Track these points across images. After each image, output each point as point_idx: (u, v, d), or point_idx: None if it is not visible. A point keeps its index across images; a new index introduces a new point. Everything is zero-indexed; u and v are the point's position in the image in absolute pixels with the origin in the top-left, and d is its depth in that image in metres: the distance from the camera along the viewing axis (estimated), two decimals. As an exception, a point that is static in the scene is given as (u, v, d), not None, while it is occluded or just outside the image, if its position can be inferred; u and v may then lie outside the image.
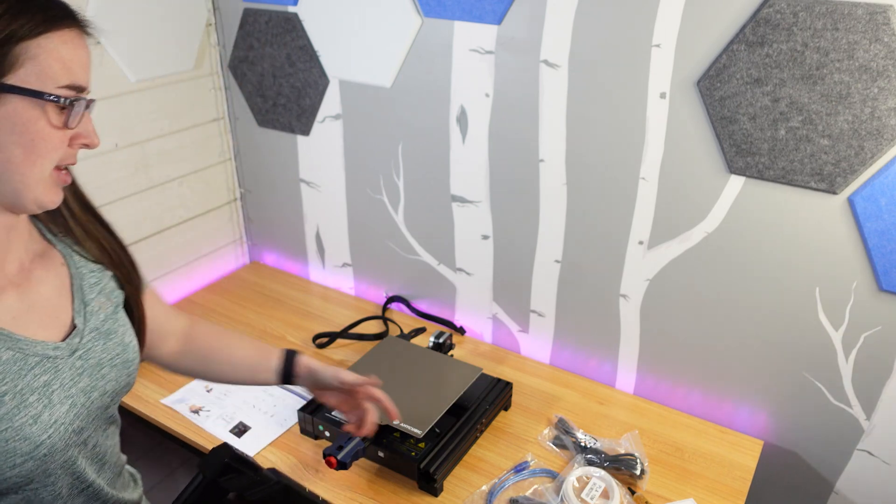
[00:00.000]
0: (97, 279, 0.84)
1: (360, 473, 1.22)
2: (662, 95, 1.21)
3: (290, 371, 1.03)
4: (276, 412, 1.37)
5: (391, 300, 1.75)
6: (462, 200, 1.53)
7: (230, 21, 1.68)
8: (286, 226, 1.89)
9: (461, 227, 1.56)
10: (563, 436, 1.30)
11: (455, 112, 1.44)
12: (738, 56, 1.11)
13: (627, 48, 1.20)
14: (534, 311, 1.55)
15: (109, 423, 0.86)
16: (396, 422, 1.17)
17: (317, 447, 1.29)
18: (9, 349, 0.71)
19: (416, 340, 1.61)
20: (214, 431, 1.32)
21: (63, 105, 0.66)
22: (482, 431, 1.32)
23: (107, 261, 0.86)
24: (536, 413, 1.39)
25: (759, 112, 1.13)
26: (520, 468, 1.24)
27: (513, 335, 1.62)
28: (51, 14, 0.65)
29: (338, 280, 1.87)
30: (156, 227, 1.70)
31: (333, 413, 1.28)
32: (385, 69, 1.49)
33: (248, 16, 1.64)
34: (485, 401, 1.33)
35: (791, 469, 1.36)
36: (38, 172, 0.68)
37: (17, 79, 0.63)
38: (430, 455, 1.19)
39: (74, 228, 0.82)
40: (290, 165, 1.78)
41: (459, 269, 1.62)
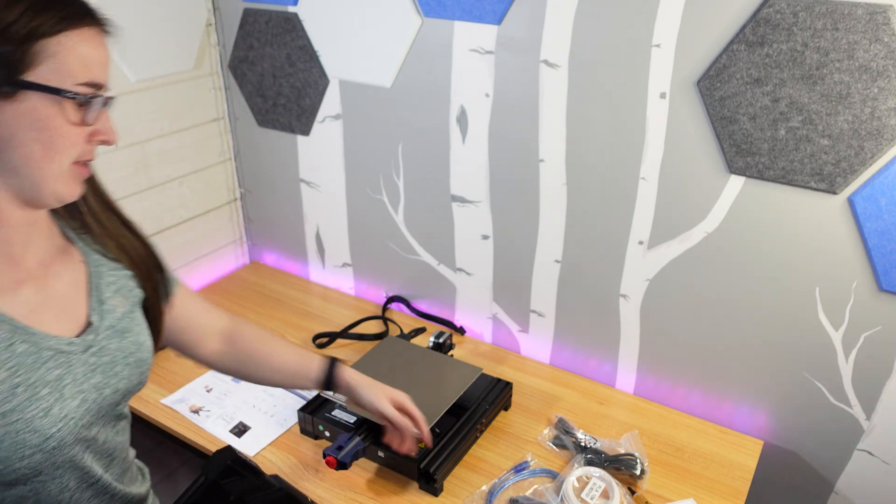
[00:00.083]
0: (115, 277, 0.84)
1: (360, 473, 1.22)
2: (662, 95, 1.21)
3: (331, 381, 1.04)
4: (276, 412, 1.37)
5: (391, 300, 1.75)
6: (462, 200, 1.53)
7: (230, 21, 1.68)
8: (286, 226, 1.89)
9: (461, 227, 1.56)
10: (563, 436, 1.30)
11: (455, 112, 1.44)
12: (738, 56, 1.11)
13: (627, 48, 1.21)
14: (534, 311, 1.55)
15: (119, 420, 0.86)
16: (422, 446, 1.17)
17: (317, 447, 1.29)
18: (24, 342, 0.71)
19: (416, 340, 1.61)
20: (214, 431, 1.32)
21: (81, 102, 0.67)
22: (482, 431, 1.32)
23: (125, 259, 0.86)
24: (536, 413, 1.39)
25: (759, 112, 1.13)
26: (520, 468, 1.24)
27: (513, 335, 1.62)
28: (70, 12, 0.65)
29: (338, 280, 1.87)
30: (156, 227, 1.70)
31: (334, 413, 1.28)
32: (385, 69, 1.49)
33: (248, 16, 1.64)
34: (485, 401, 1.33)
35: (791, 469, 1.36)
36: (57, 167, 0.69)
37: (37, 76, 0.64)
38: (430, 455, 1.19)
39: (92, 225, 0.83)
40: (290, 165, 1.78)
41: (459, 269, 1.62)
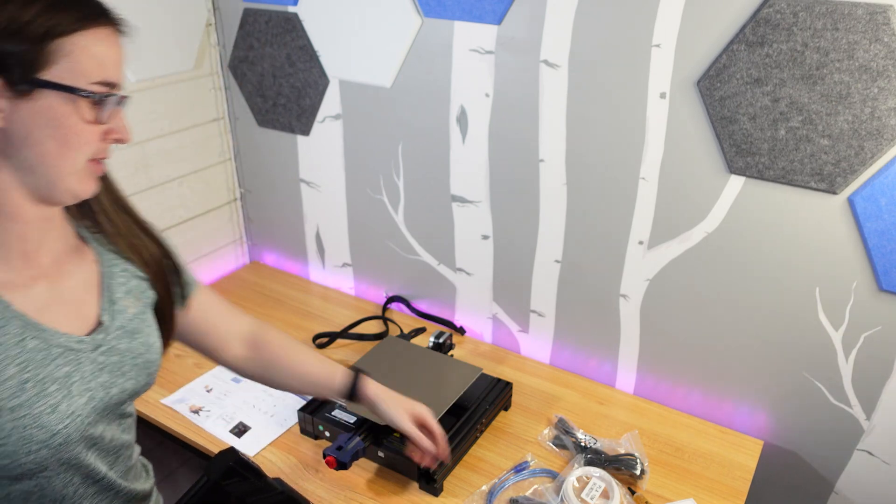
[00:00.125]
0: (127, 278, 0.85)
1: (360, 473, 1.22)
2: (662, 95, 1.21)
3: (354, 394, 1.04)
4: (276, 412, 1.37)
5: (391, 300, 1.75)
6: (462, 200, 1.53)
7: (230, 21, 1.68)
8: (286, 226, 1.89)
9: (461, 227, 1.56)
10: (563, 436, 1.30)
11: (455, 112, 1.44)
12: (738, 56, 1.11)
13: (627, 48, 1.21)
14: (534, 311, 1.55)
15: (125, 418, 0.86)
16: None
17: (317, 447, 1.29)
18: (35, 338, 0.72)
19: (416, 340, 1.61)
20: (214, 431, 1.32)
21: (96, 101, 0.68)
22: (482, 431, 1.32)
23: (138, 260, 0.86)
24: (536, 413, 1.39)
25: (759, 112, 1.13)
26: (520, 468, 1.24)
27: (513, 335, 1.62)
28: (86, 12, 0.66)
29: (338, 280, 1.87)
30: (156, 227, 1.70)
31: (334, 413, 1.28)
32: (385, 69, 1.49)
33: (248, 16, 1.64)
34: (485, 401, 1.33)
35: (791, 469, 1.36)
36: (72, 165, 0.70)
37: (52, 74, 0.64)
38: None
39: (105, 225, 0.83)
40: (290, 165, 1.78)
41: (459, 269, 1.62)
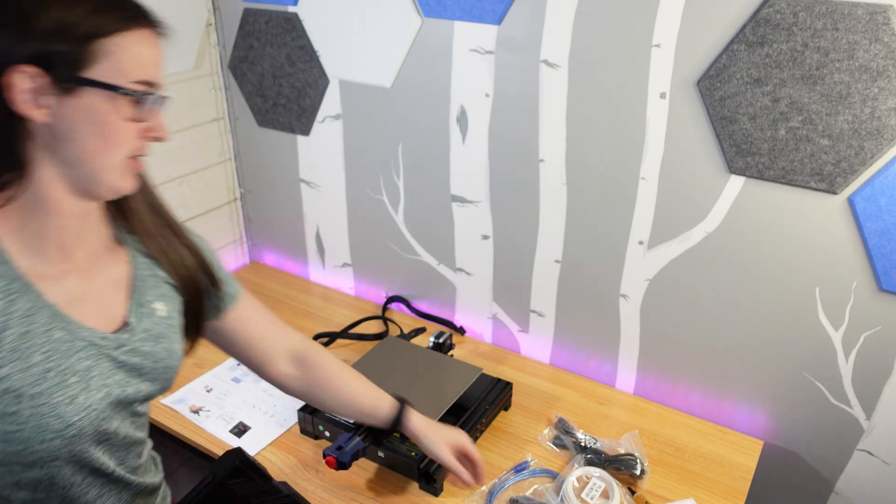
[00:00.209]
0: (157, 283, 0.86)
1: (360, 473, 1.22)
2: (662, 95, 1.21)
3: (398, 425, 1.06)
4: (276, 412, 1.37)
5: (391, 300, 1.75)
6: (462, 200, 1.53)
7: (230, 21, 1.68)
8: (286, 226, 1.89)
9: (461, 227, 1.56)
10: (563, 436, 1.30)
11: (455, 112, 1.44)
12: (738, 56, 1.11)
13: (627, 48, 1.20)
14: (534, 311, 1.55)
15: (139, 417, 0.87)
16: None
17: (317, 447, 1.29)
18: (61, 329, 0.74)
19: (416, 340, 1.61)
20: (214, 431, 1.32)
21: (135, 99, 0.70)
22: (482, 431, 1.32)
23: (169, 267, 0.87)
24: (536, 413, 1.39)
25: (759, 112, 1.13)
26: (520, 468, 1.24)
27: (513, 335, 1.62)
28: (129, 14, 0.69)
29: (338, 280, 1.87)
30: (156, 227, 1.70)
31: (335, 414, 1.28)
32: (385, 69, 1.49)
33: (248, 16, 1.64)
34: (485, 401, 1.33)
35: (791, 469, 1.36)
36: (112, 160, 0.72)
37: (95, 73, 0.67)
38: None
39: (137, 225, 0.85)
40: (290, 165, 1.78)
41: (459, 269, 1.62)
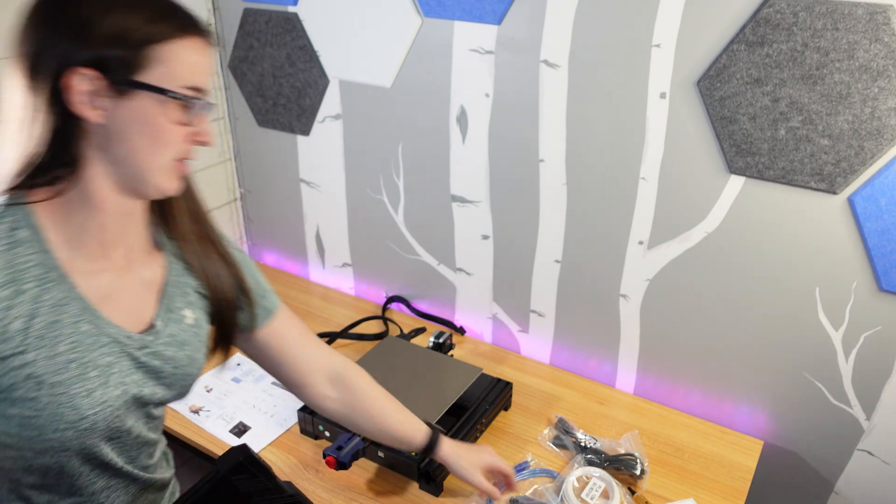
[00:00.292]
0: (189, 291, 0.87)
1: (360, 473, 1.22)
2: (662, 95, 1.21)
3: (431, 452, 1.07)
4: (276, 412, 1.37)
5: (391, 300, 1.75)
6: (462, 200, 1.53)
7: (230, 21, 1.68)
8: (286, 226, 1.89)
9: (461, 227, 1.56)
10: (563, 436, 1.30)
11: (455, 112, 1.44)
12: (738, 56, 1.11)
13: (627, 48, 1.20)
14: (534, 311, 1.55)
15: (153, 419, 0.88)
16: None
17: (317, 447, 1.29)
18: (89, 323, 0.76)
19: (416, 340, 1.61)
20: (214, 431, 1.32)
21: (184, 104, 0.73)
22: (482, 431, 1.32)
23: (201, 275, 0.88)
24: (536, 413, 1.39)
25: (759, 112, 1.13)
26: (520, 468, 1.24)
27: (513, 335, 1.62)
28: (181, 23, 0.72)
29: (338, 280, 1.87)
30: (156, 227, 1.70)
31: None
32: (385, 69, 1.49)
33: (248, 16, 1.64)
34: (485, 401, 1.33)
35: (791, 469, 1.36)
36: (159, 161, 0.74)
37: (147, 77, 0.70)
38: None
39: (176, 230, 0.86)
40: (290, 165, 1.78)
41: (459, 269, 1.62)
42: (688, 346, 1.38)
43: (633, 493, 1.19)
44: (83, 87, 0.68)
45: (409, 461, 1.17)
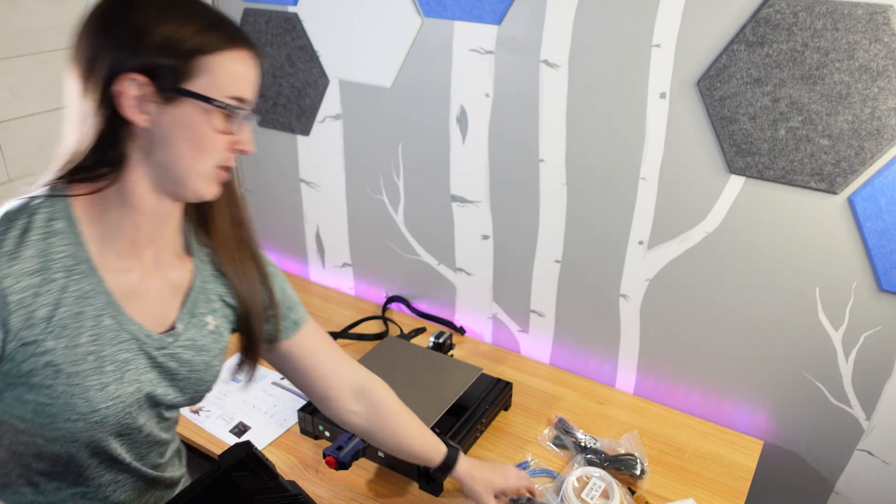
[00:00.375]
0: (214, 299, 0.88)
1: (360, 473, 1.22)
2: (662, 95, 1.21)
3: (448, 470, 1.08)
4: (276, 412, 1.37)
5: (391, 300, 1.75)
6: (462, 200, 1.53)
7: (230, 21, 1.68)
8: (286, 226, 1.89)
9: (461, 227, 1.56)
10: (563, 436, 1.30)
11: (455, 112, 1.44)
12: (738, 56, 1.11)
13: (627, 48, 1.20)
14: (534, 311, 1.55)
15: (165, 420, 0.89)
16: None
17: (317, 447, 1.29)
18: (111, 317, 0.78)
19: (416, 340, 1.61)
20: (214, 431, 1.32)
21: (228, 113, 0.75)
22: (482, 431, 1.32)
23: (232, 278, 0.89)
24: (536, 413, 1.39)
25: (759, 112, 1.13)
26: (520, 468, 1.24)
27: (513, 335, 1.62)
28: (231, 35, 0.75)
29: (338, 280, 1.87)
30: (156, 227, 1.70)
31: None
32: (385, 69, 1.49)
33: (248, 16, 1.64)
34: (485, 401, 1.33)
35: (791, 469, 1.36)
36: (200, 167, 0.77)
37: (194, 85, 0.73)
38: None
39: (215, 235, 0.88)
40: (290, 165, 1.78)
41: (459, 269, 1.62)
42: (688, 346, 1.38)
43: (633, 493, 1.19)
44: (133, 92, 0.71)
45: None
